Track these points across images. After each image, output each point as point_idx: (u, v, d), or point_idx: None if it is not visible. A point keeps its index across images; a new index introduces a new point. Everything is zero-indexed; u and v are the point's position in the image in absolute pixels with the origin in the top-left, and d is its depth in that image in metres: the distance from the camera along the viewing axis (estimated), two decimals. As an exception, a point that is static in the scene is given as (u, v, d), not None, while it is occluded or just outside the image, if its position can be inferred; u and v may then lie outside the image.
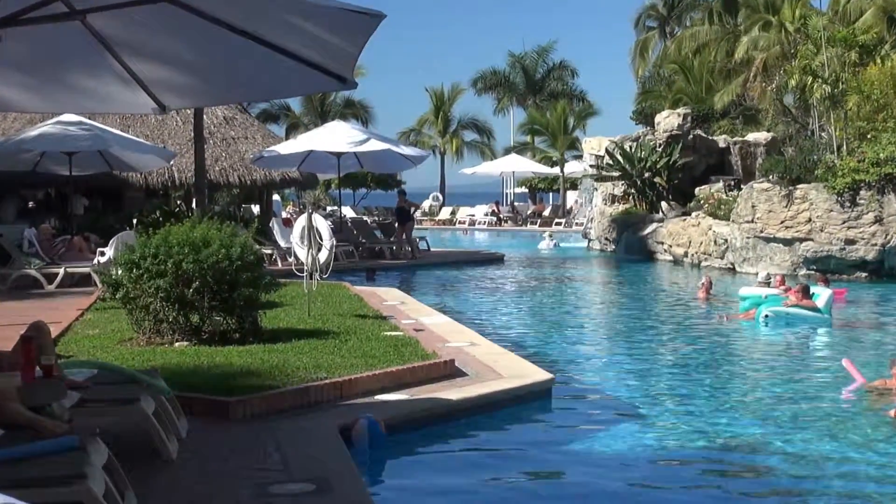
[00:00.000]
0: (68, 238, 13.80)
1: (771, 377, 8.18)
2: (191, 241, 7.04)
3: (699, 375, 8.20)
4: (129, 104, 5.21)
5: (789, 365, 8.88)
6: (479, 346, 7.85)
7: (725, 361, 9.07)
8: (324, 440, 4.81)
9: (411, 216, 21.10)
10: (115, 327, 7.90)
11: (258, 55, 3.93)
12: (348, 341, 7.29)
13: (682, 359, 9.18)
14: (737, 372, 8.50)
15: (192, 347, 6.87)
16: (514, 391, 6.32)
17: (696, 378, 8.08)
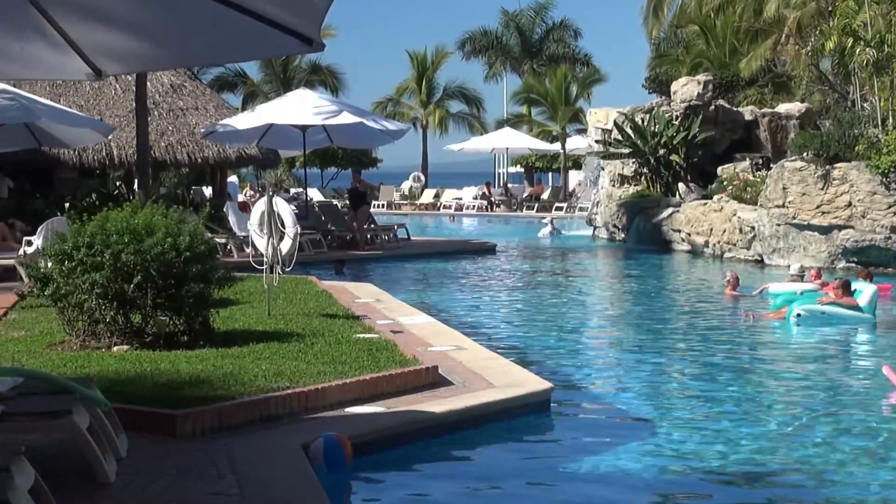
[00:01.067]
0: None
1: (803, 386, 8.26)
2: (132, 228, 7.02)
3: (721, 385, 8.28)
4: (59, 69, 5.14)
5: (825, 372, 8.96)
6: (467, 350, 7.90)
7: (751, 368, 9.15)
8: (285, 460, 4.83)
9: (367, 200, 20.98)
10: (43, 328, 7.86)
11: (209, 11, 3.91)
12: (315, 345, 7.31)
13: (701, 366, 9.25)
14: (764, 381, 8.55)
15: (132, 352, 6.87)
16: (506, 403, 6.36)
17: (718, 388, 8.15)
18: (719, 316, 12.41)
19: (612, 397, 7.79)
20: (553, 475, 5.67)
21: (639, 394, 8.02)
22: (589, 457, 5.99)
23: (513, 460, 6.00)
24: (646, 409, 7.43)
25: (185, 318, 7.19)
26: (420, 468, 5.68)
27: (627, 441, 6.38)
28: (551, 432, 6.61)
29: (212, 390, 5.79)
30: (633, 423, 6.95)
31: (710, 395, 7.79)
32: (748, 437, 6.41)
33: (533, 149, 41.15)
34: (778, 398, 7.87)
